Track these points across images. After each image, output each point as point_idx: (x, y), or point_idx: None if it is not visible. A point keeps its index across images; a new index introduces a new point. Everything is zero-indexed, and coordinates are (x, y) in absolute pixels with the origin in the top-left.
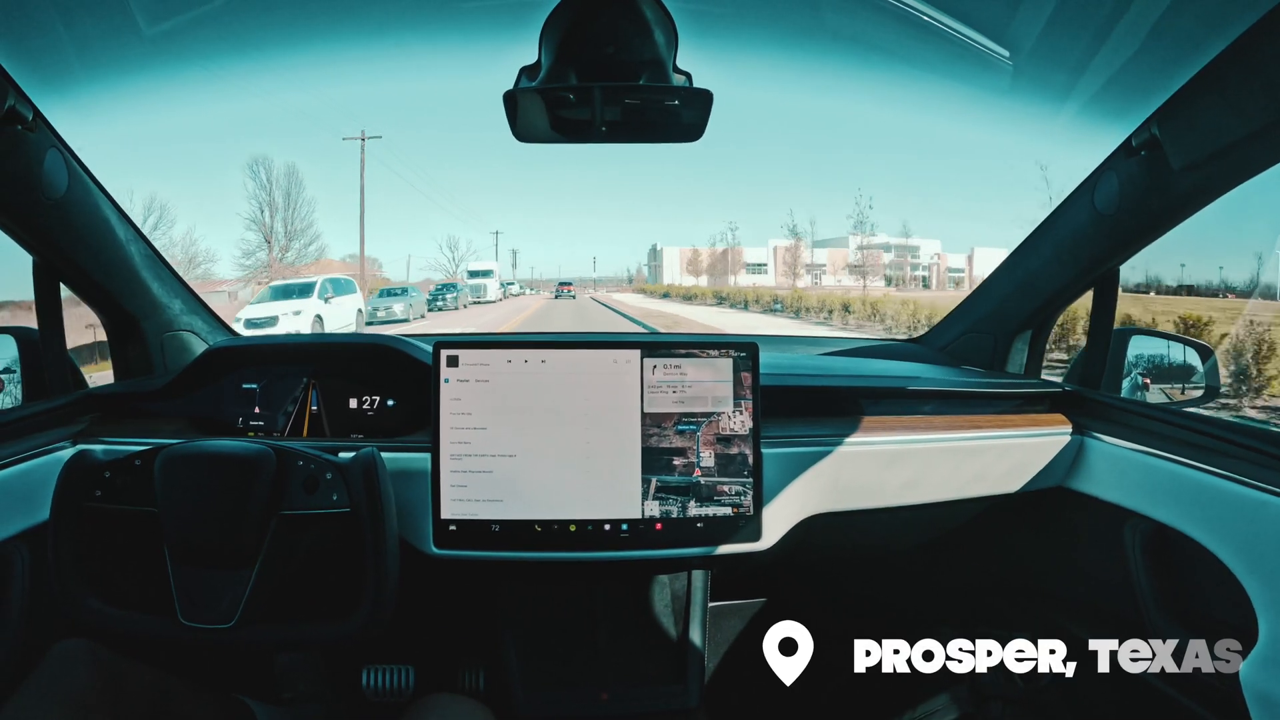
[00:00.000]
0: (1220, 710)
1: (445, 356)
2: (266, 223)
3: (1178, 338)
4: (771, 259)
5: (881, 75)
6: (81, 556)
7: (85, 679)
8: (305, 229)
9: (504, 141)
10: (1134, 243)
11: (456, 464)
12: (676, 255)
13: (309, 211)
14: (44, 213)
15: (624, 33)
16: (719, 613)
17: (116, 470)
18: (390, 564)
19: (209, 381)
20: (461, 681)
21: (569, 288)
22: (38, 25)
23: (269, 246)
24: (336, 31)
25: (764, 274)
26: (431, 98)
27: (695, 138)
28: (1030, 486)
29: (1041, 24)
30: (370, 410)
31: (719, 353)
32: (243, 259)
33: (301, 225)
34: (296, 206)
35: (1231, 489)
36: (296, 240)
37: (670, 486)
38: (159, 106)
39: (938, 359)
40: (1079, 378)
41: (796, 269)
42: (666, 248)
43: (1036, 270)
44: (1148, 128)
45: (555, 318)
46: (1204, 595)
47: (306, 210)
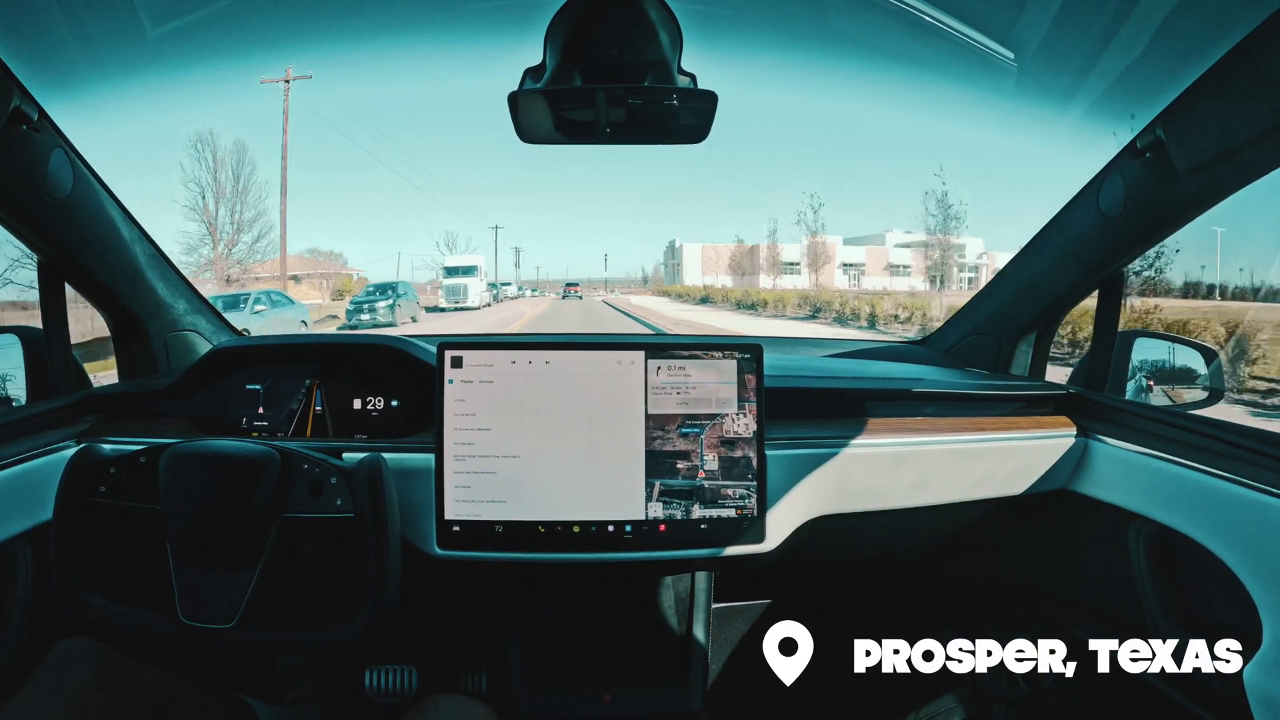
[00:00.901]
0: (1223, 713)
1: (450, 357)
2: (210, 210)
3: (1182, 340)
4: (806, 257)
5: (886, 77)
6: (84, 551)
7: (87, 677)
8: (256, 219)
9: (508, 141)
10: (1139, 245)
11: (460, 465)
12: (697, 253)
13: (262, 197)
14: (49, 212)
15: (629, 34)
16: (723, 614)
17: (121, 467)
18: (392, 570)
19: (213, 382)
20: (464, 682)
21: (576, 289)
22: (43, 26)
23: (213, 240)
24: (342, 33)
25: (796, 273)
26: (436, 98)
27: (700, 139)
28: (1034, 489)
29: (1046, 26)
30: (374, 411)
31: (723, 354)
32: (183, 255)
33: (253, 215)
34: (247, 192)
35: (1236, 491)
36: (246, 233)
37: (674, 490)
38: (163, 107)
39: (942, 361)
40: (1083, 380)
41: (818, 266)
42: (686, 244)
43: (1041, 272)
44: (1153, 130)
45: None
46: (1208, 598)
47: (259, 195)
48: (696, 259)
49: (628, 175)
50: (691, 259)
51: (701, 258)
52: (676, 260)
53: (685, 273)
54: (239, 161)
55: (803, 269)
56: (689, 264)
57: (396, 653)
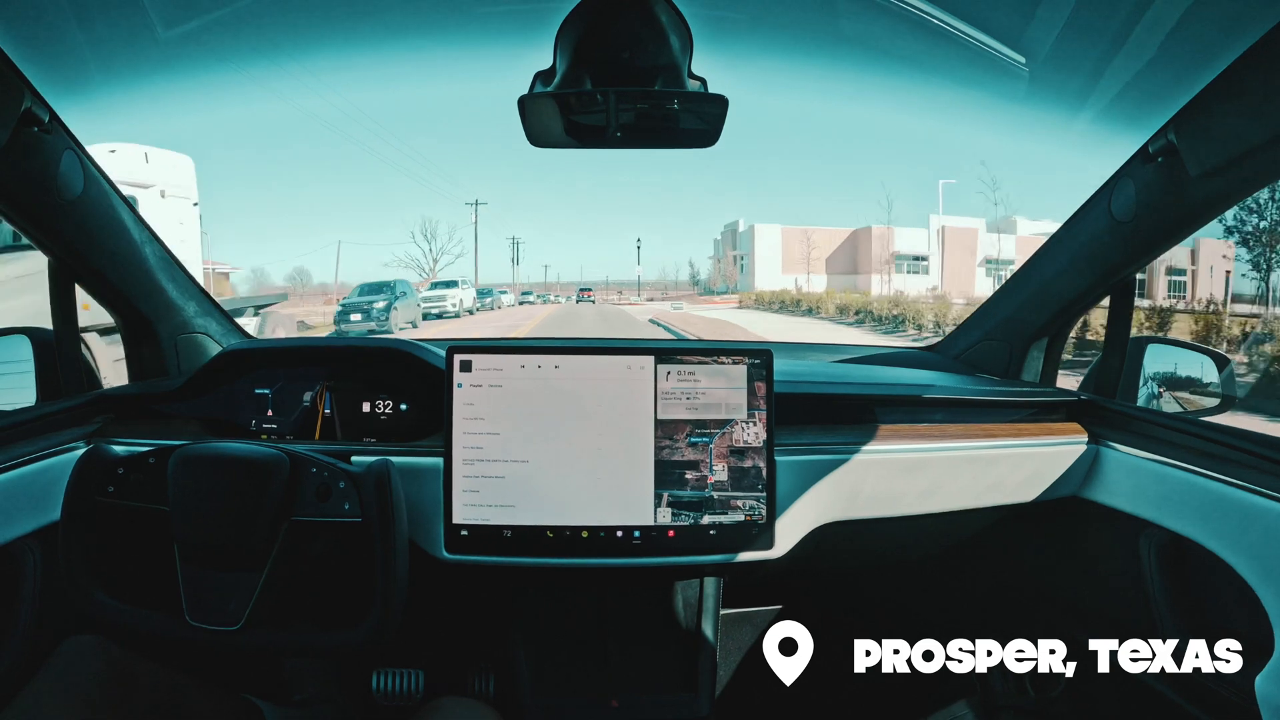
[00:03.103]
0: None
1: (459, 361)
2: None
3: (1194, 346)
4: (937, 246)
5: (898, 81)
6: (91, 550)
7: (94, 675)
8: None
9: (517, 139)
10: (1151, 250)
11: (469, 469)
12: (776, 239)
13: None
14: (60, 214)
15: (639, 38)
16: (731, 620)
17: (131, 467)
18: (399, 576)
19: (222, 384)
20: (471, 686)
21: (589, 293)
22: (54, 28)
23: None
24: (352, 36)
25: (920, 270)
26: (446, 99)
27: (711, 143)
28: (1045, 496)
29: (1057, 30)
30: (383, 414)
31: (733, 360)
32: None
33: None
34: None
35: (1248, 500)
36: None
37: (683, 502)
38: (174, 109)
39: (953, 367)
40: (1094, 386)
41: (879, 264)
42: (760, 226)
43: (1052, 278)
44: (1164, 134)
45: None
46: (1219, 607)
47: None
48: (774, 246)
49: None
50: (767, 245)
51: (783, 248)
52: (742, 251)
53: (757, 269)
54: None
55: (931, 264)
56: (763, 256)
57: (404, 655)
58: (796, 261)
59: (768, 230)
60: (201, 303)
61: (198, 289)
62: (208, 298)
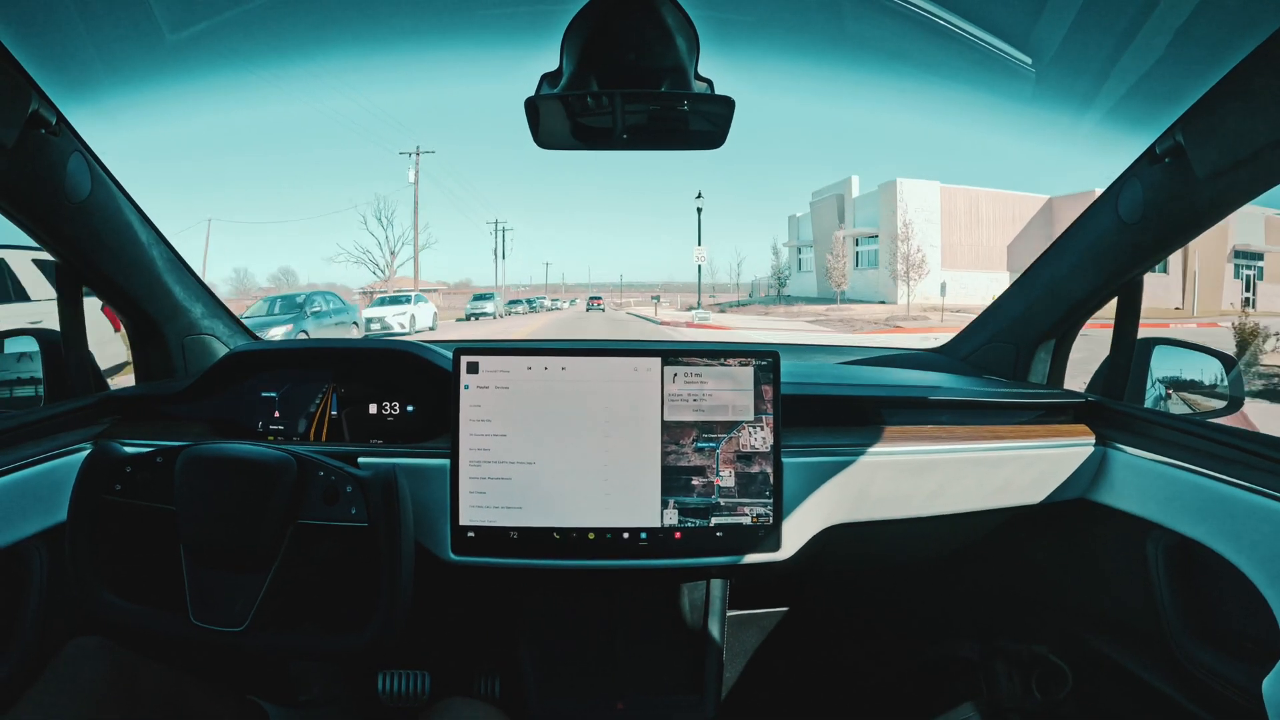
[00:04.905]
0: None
1: (465, 363)
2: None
3: (1201, 348)
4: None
5: (903, 82)
6: (98, 549)
7: (100, 675)
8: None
9: (523, 141)
10: (1158, 251)
11: (475, 470)
12: (935, 198)
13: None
14: (67, 216)
15: (646, 40)
16: (738, 622)
17: (138, 466)
18: (404, 581)
19: (230, 385)
20: (477, 687)
21: (599, 301)
22: (62, 30)
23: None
24: (358, 39)
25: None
26: (452, 101)
27: (717, 145)
28: (1053, 498)
29: (1064, 31)
30: (390, 416)
31: (739, 362)
32: None
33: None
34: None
35: (1256, 502)
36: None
37: (689, 508)
38: (181, 112)
39: (959, 368)
40: (1102, 388)
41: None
42: (905, 181)
43: (1060, 279)
44: (1172, 135)
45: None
46: (1227, 609)
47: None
48: (931, 223)
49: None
50: (922, 207)
51: (943, 223)
52: (864, 229)
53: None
54: None
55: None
56: (923, 236)
57: (409, 657)
58: (963, 251)
59: (919, 189)
60: (209, 304)
61: (205, 291)
62: (215, 299)
